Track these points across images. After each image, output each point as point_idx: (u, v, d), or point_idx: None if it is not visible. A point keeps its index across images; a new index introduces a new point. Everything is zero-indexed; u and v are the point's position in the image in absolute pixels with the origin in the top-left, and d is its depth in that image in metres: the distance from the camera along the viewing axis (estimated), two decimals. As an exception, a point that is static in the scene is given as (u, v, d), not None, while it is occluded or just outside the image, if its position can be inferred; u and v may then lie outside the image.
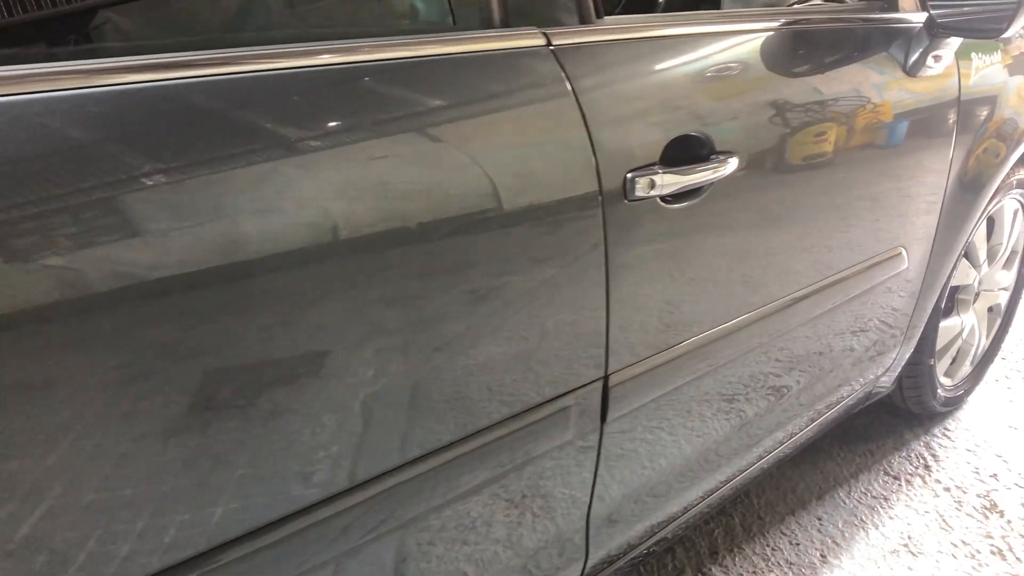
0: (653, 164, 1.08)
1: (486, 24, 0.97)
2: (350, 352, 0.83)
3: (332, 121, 0.81)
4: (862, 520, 1.91)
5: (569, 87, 0.99)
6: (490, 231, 0.93)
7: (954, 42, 1.58)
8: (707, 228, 1.19)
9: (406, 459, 0.93)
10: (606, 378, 1.13)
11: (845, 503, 1.97)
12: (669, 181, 1.08)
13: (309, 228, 0.77)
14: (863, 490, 2.02)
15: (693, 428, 1.38)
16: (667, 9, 1.81)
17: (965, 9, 1.43)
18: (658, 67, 1.11)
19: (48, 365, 0.64)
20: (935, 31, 1.48)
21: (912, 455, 2.15)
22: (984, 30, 1.41)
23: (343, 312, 0.81)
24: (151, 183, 0.69)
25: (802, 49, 1.35)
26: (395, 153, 0.84)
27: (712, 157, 1.16)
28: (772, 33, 1.31)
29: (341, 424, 0.84)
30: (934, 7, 1.46)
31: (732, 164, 1.17)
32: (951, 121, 1.65)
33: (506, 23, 0.98)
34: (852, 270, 1.55)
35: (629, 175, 1.05)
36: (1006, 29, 1.36)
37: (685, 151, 1.14)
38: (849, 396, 1.86)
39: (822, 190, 1.39)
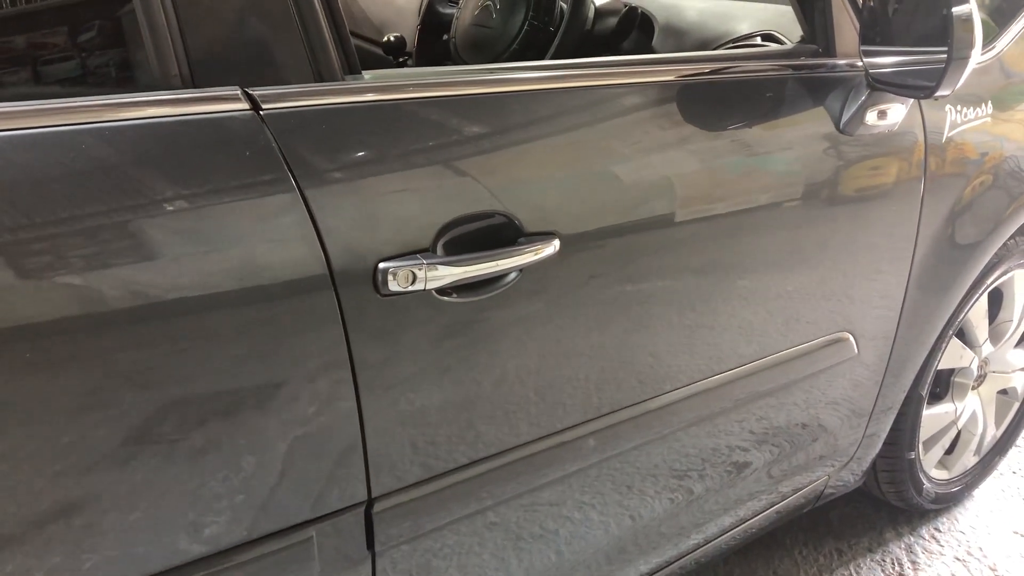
0: (422, 251, 0.88)
1: (158, 82, 0.79)
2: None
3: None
4: (807, 638, 1.65)
5: (284, 165, 0.80)
6: (180, 335, 0.76)
7: (909, 93, 1.31)
8: (518, 322, 0.99)
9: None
10: (369, 503, 0.94)
11: (792, 614, 1.71)
12: (441, 273, 0.88)
13: None
14: (818, 600, 1.75)
15: (541, 541, 1.17)
16: (562, 55, 1.58)
17: (899, 60, 1.17)
18: (435, 135, 0.91)
19: None
20: (872, 84, 1.22)
21: (887, 559, 1.86)
22: (916, 87, 1.14)
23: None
24: None
25: (689, 105, 1.12)
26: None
27: (521, 240, 0.95)
28: (638, 89, 1.09)
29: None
30: (867, 54, 1.21)
31: (549, 248, 0.96)
32: (913, 188, 1.39)
33: (189, 80, 0.79)
34: (762, 363, 1.30)
35: (382, 265, 0.86)
36: (936, 88, 1.10)
37: (489, 234, 0.94)
38: (814, 481, 1.61)
39: (705, 268, 1.16)
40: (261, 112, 0.80)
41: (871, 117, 1.27)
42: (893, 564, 1.85)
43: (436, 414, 0.95)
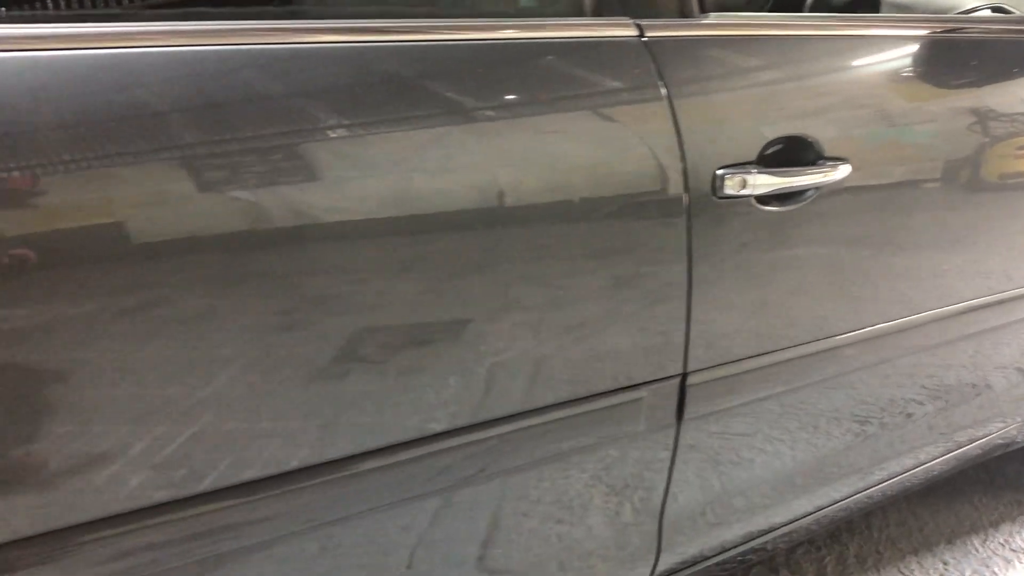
0: (749, 163, 1.06)
1: (576, 11, 0.99)
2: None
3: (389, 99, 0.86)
4: (993, 572, 1.77)
5: (660, 81, 0.99)
6: (565, 221, 0.95)
7: None
8: (809, 235, 1.15)
9: (491, 417, 0.97)
10: (684, 376, 1.12)
11: (978, 551, 1.83)
12: (764, 181, 1.06)
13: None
14: (1001, 541, 1.87)
15: (791, 440, 1.34)
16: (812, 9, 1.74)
17: None
18: (762, 67, 1.09)
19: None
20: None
21: (1067, 512, 1.96)
22: None
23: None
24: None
25: (945, 59, 1.27)
26: (464, 139, 0.88)
27: (819, 162, 1.12)
28: (911, 40, 1.25)
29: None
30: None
31: (842, 171, 1.13)
32: None
33: (597, 11, 0.99)
34: (991, 299, 1.44)
35: (719, 172, 1.04)
36: None
37: (791, 154, 1.11)
38: (989, 435, 1.72)
39: (959, 210, 1.30)
40: (644, 39, 1.00)
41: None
42: (1073, 516, 1.95)
43: (742, 304, 1.13)
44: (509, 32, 0.94)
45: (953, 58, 1.31)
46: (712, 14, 1.08)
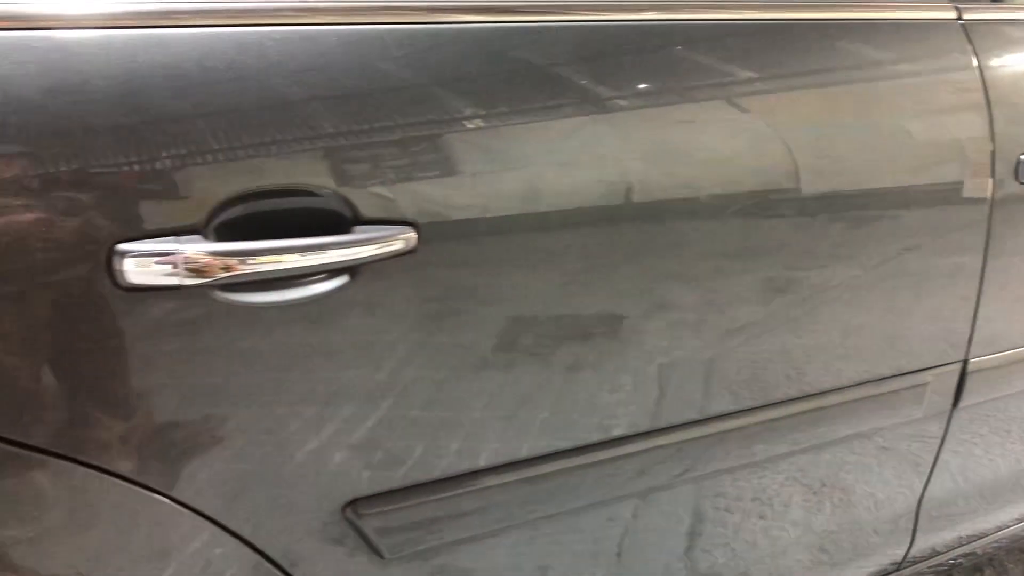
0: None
1: None
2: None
3: (708, 77, 0.86)
4: None
5: (976, 64, 0.99)
6: (876, 202, 0.95)
7: None
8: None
9: (724, 411, 0.95)
10: (965, 362, 1.12)
11: None
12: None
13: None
14: None
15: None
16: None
17: None
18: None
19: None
20: None
21: None
22: None
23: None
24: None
25: None
26: (780, 113, 0.89)
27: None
28: None
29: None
30: None
31: None
32: None
33: None
34: None
35: (1023, 157, 1.03)
36: None
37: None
38: None
39: None
40: (962, 21, 1.00)
41: None
42: None
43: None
44: (831, 12, 0.95)
45: None
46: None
